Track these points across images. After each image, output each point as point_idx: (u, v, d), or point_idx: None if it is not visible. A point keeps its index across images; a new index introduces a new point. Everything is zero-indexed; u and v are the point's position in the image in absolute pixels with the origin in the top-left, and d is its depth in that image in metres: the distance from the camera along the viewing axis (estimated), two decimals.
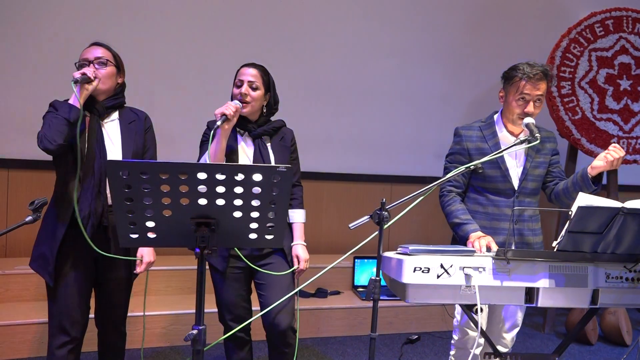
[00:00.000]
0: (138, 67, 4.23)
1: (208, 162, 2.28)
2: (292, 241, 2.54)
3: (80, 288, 2.27)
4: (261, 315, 2.42)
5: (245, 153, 2.44)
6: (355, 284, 4.30)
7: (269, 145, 2.48)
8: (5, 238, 3.97)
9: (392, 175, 4.90)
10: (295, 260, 2.51)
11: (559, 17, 4.96)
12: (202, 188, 1.61)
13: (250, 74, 2.41)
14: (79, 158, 2.17)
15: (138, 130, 2.37)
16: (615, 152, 2.22)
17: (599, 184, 2.34)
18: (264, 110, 2.49)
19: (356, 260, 4.31)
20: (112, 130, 2.32)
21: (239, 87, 2.41)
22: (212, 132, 2.26)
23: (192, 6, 4.32)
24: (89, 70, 2.18)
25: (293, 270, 2.49)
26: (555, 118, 4.19)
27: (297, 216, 2.57)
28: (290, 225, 2.58)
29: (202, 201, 1.63)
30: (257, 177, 1.62)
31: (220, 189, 1.62)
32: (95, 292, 2.41)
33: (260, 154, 2.42)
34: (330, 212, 4.75)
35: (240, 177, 1.60)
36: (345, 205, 4.77)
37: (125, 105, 2.41)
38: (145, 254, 2.39)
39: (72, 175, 2.20)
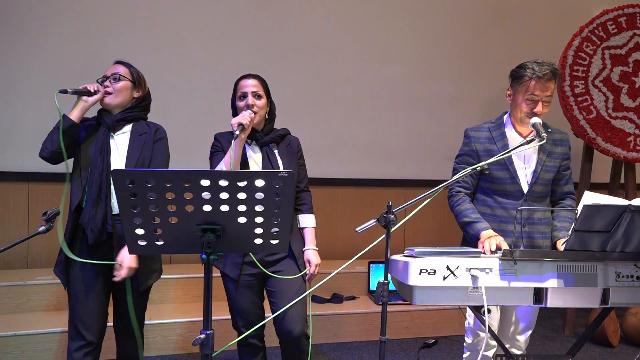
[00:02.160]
0: (150, 81, 4.33)
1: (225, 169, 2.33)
2: (303, 246, 2.57)
3: (94, 293, 2.33)
4: (274, 323, 2.45)
5: (255, 161, 2.48)
6: (371, 288, 4.30)
7: (276, 152, 2.53)
8: (27, 249, 4.08)
9: (406, 179, 4.90)
10: (306, 264, 2.54)
11: (570, 15, 4.93)
12: (206, 195, 1.64)
13: (252, 84, 2.48)
14: (70, 167, 2.35)
15: (147, 141, 2.43)
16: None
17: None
18: (266, 117, 2.54)
19: (371, 265, 4.32)
20: (121, 142, 2.40)
21: (243, 98, 2.46)
22: (233, 141, 2.30)
23: (202, 19, 4.40)
24: (92, 86, 2.33)
25: (304, 274, 2.51)
26: (569, 117, 4.15)
27: (307, 221, 2.61)
28: (301, 230, 2.61)
29: (207, 207, 1.66)
30: (259, 182, 1.64)
31: (224, 195, 1.64)
32: (112, 300, 2.47)
33: (269, 161, 2.47)
34: (345, 218, 4.76)
35: (242, 183, 1.63)
36: (360, 210, 4.78)
37: (143, 119, 2.49)
38: (127, 259, 2.27)
39: (75, 185, 2.35)
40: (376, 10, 4.78)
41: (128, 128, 2.43)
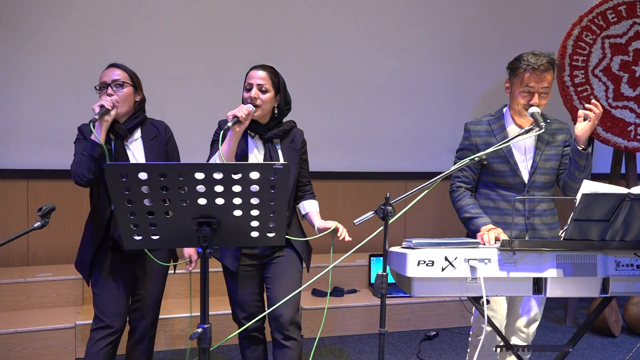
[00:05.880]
0: (148, 74, 4.30)
1: (218, 162, 2.31)
2: (305, 235, 2.55)
3: (121, 284, 2.41)
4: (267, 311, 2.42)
5: (256, 157, 2.45)
6: (372, 281, 4.30)
7: (279, 148, 2.48)
8: (27, 246, 4.08)
9: (405, 172, 4.88)
10: (329, 225, 2.39)
11: (569, 5, 4.89)
12: (200, 188, 1.63)
13: (259, 77, 2.39)
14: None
15: (160, 145, 2.47)
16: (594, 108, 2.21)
17: (590, 147, 2.35)
18: (275, 112, 2.47)
19: (372, 258, 4.31)
20: (136, 150, 2.42)
21: (249, 90, 2.40)
22: (223, 132, 2.28)
23: (199, 10, 4.37)
24: (106, 102, 2.26)
25: (334, 230, 2.37)
26: (569, 108, 4.12)
27: (311, 206, 2.56)
28: (304, 217, 2.59)
29: (202, 201, 1.65)
30: (254, 175, 1.63)
31: (219, 188, 1.64)
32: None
33: (270, 158, 2.44)
34: (345, 212, 4.74)
35: (237, 175, 1.62)
36: (359, 203, 4.76)
37: (146, 118, 2.50)
38: (193, 253, 2.59)
39: (104, 197, 2.36)
40: (375, 3, 4.75)
41: (138, 133, 2.44)
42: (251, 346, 2.58)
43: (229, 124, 2.26)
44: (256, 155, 2.45)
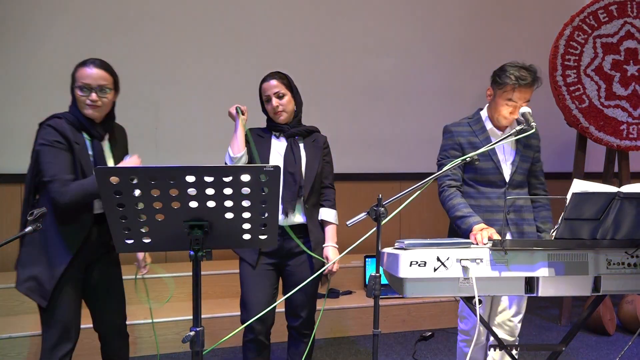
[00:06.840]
0: (143, 77, 4.32)
1: (230, 154, 2.46)
2: (322, 237, 2.62)
3: (76, 295, 2.28)
4: (285, 307, 2.64)
5: (277, 151, 2.56)
6: (367, 283, 4.30)
7: (301, 145, 2.60)
8: (17, 251, 4.05)
9: (401, 172, 4.89)
10: (325, 261, 2.57)
11: (561, 5, 4.92)
12: (191, 191, 1.63)
13: (273, 86, 2.54)
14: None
15: (123, 147, 2.43)
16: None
17: None
18: (295, 109, 2.61)
19: (367, 259, 4.32)
20: (107, 152, 2.33)
21: (269, 102, 2.55)
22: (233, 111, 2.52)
23: (196, 14, 4.38)
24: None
25: (322, 272, 2.50)
26: (561, 107, 4.14)
27: (328, 215, 2.66)
28: (321, 223, 2.67)
29: (193, 204, 1.65)
30: (245, 177, 1.63)
31: (210, 191, 1.63)
32: (87, 301, 2.38)
33: (291, 152, 2.54)
34: (342, 213, 4.70)
35: (228, 178, 1.62)
36: (356, 205, 4.71)
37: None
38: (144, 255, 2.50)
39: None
40: (370, 3, 4.76)
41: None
42: (255, 351, 2.57)
43: (240, 113, 2.50)
44: (278, 150, 2.56)
